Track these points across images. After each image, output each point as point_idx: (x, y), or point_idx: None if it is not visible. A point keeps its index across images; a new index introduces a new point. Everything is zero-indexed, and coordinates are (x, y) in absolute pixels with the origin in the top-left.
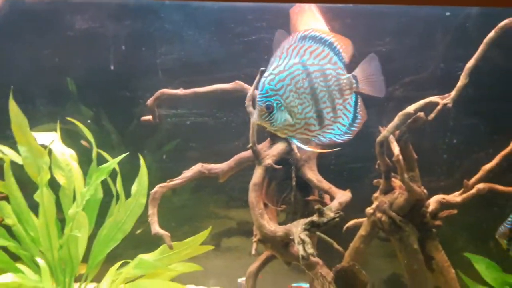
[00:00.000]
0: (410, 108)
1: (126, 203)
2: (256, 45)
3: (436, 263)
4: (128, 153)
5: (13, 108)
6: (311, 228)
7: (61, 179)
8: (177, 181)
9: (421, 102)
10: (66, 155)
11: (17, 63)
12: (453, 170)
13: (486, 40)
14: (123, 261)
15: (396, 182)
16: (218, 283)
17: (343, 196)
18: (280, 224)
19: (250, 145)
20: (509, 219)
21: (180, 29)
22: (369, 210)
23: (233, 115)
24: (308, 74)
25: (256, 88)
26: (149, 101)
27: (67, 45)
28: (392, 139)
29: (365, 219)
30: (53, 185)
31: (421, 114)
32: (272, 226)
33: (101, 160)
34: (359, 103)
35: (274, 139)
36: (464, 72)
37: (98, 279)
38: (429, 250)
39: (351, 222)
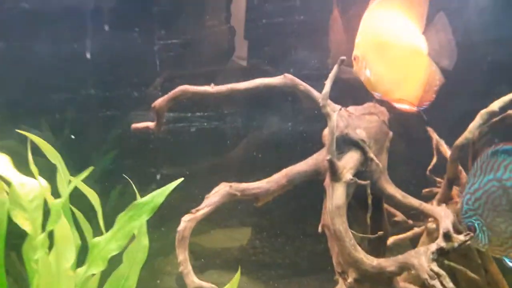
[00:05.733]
0: (494, 106)
1: (128, 251)
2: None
3: None
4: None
5: None
6: (439, 256)
7: (24, 225)
8: (204, 209)
9: (505, 98)
10: (27, 187)
11: None
12: None
13: None
14: None
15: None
16: None
17: (447, 214)
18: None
19: (329, 157)
20: None
21: None
22: (431, 225)
23: (252, 118)
24: (504, 190)
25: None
26: (160, 101)
27: None
28: (441, 141)
29: (409, 234)
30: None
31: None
32: (373, 260)
33: None
34: None
35: (342, 147)
36: None
37: None
38: None
39: (390, 240)
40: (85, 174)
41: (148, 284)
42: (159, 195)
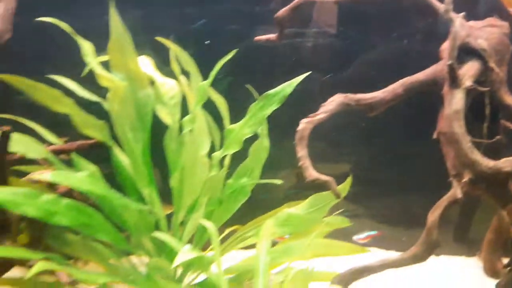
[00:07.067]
0: None
1: (252, 148)
2: None
3: None
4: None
5: (114, 18)
6: None
7: (166, 118)
8: (321, 115)
9: None
10: (167, 85)
11: None
12: None
13: None
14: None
15: None
16: None
17: None
18: None
19: (450, 61)
20: None
21: None
22: None
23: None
24: None
25: None
26: (283, 12)
27: None
28: None
29: None
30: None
31: None
32: (490, 162)
33: None
34: None
35: (462, 56)
36: None
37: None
38: None
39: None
40: (219, 66)
41: (258, 196)
42: (288, 86)
